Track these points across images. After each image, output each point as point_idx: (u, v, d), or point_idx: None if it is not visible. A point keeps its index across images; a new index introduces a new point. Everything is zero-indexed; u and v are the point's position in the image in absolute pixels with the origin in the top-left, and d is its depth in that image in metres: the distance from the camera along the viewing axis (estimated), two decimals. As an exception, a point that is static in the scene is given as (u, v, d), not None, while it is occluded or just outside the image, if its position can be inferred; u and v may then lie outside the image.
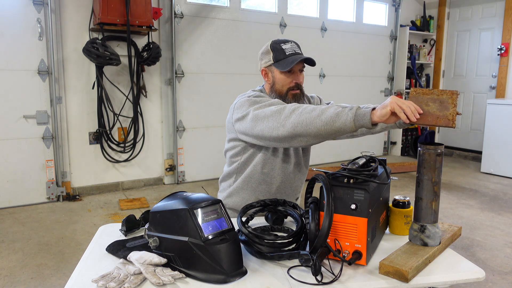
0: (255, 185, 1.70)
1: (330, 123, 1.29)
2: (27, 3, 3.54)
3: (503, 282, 2.42)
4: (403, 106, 1.22)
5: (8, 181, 3.65)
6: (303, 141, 1.39)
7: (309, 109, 1.35)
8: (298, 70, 1.63)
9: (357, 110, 1.27)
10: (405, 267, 1.09)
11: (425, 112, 1.25)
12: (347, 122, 1.27)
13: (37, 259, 2.66)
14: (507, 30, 5.37)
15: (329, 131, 1.31)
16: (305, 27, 5.09)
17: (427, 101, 1.26)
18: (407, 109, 1.21)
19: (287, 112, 1.38)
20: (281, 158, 1.68)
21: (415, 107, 1.23)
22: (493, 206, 3.83)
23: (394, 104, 1.22)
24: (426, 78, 6.37)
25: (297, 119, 1.35)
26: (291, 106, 1.40)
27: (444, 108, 1.23)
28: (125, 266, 1.11)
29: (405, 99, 1.26)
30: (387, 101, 1.24)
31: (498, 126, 4.96)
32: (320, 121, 1.31)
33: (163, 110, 4.36)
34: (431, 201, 1.25)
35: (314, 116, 1.32)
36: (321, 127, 1.31)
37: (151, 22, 3.81)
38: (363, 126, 1.26)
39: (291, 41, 1.64)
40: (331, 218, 1.12)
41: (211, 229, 1.11)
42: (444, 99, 1.24)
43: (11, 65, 3.55)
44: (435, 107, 1.24)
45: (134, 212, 3.43)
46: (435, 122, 1.23)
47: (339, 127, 1.29)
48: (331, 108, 1.32)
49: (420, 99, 1.27)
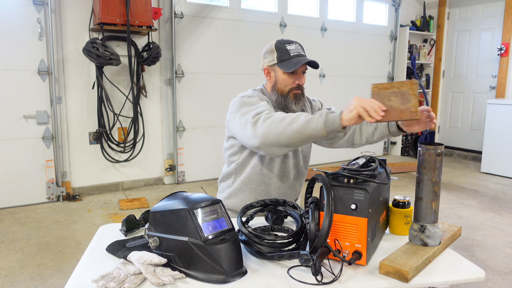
0: (254, 186, 1.70)
1: (301, 131, 1.32)
2: (27, 3, 3.54)
3: (503, 282, 2.42)
4: (367, 106, 1.24)
5: (8, 181, 3.65)
6: (276, 150, 1.40)
7: (280, 118, 1.36)
8: (301, 72, 1.64)
9: (327, 116, 1.30)
10: (405, 267, 1.09)
11: (389, 107, 1.25)
12: (318, 128, 1.30)
13: (37, 259, 2.66)
14: (507, 30, 5.37)
15: (300, 139, 1.33)
16: (305, 27, 5.09)
17: (389, 95, 1.27)
18: (371, 109, 1.24)
19: (260, 122, 1.39)
20: (280, 159, 1.68)
21: (378, 105, 1.24)
22: (493, 206, 3.83)
23: (358, 107, 1.25)
24: (426, 78, 6.37)
25: (268, 129, 1.36)
26: (265, 115, 1.41)
27: (406, 101, 1.24)
28: (125, 266, 1.11)
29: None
30: (352, 105, 1.26)
31: (498, 126, 4.96)
32: (290, 130, 1.33)
33: (163, 110, 4.36)
34: (431, 201, 1.25)
35: (284, 125, 1.34)
36: (292, 136, 1.33)
37: (151, 22, 3.81)
38: (334, 131, 1.30)
39: (296, 42, 1.65)
40: (331, 218, 1.12)
41: (211, 229, 1.11)
42: (405, 91, 1.25)
43: (11, 65, 3.55)
44: (398, 101, 1.25)
45: (134, 212, 3.43)
46: (400, 116, 1.24)
47: (310, 134, 1.31)
48: (301, 116, 1.34)
49: (382, 95, 1.27)
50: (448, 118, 6.29)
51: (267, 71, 1.68)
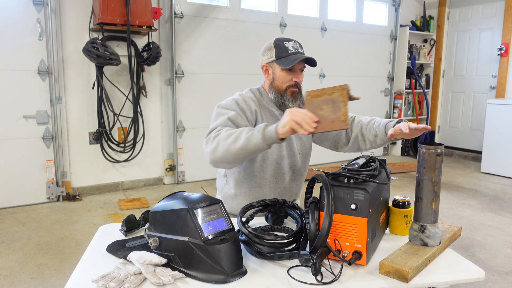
0: (248, 190, 1.70)
1: (244, 147, 1.37)
2: (27, 3, 3.54)
3: (503, 282, 2.42)
4: (299, 120, 1.27)
5: (8, 181, 3.65)
6: (227, 166, 1.50)
7: (225, 136, 1.42)
8: (299, 69, 1.64)
9: (264, 131, 1.34)
10: (405, 267, 1.09)
11: (321, 118, 1.25)
12: (258, 143, 1.35)
13: (37, 259, 2.66)
14: (507, 30, 5.37)
15: (245, 154, 1.40)
16: (305, 27, 5.09)
17: (321, 104, 1.26)
18: (303, 122, 1.26)
19: (210, 140, 1.47)
20: (274, 160, 1.67)
21: (310, 117, 1.26)
22: (493, 206, 3.83)
23: (291, 121, 1.28)
24: (426, 78, 6.37)
25: (215, 147, 1.43)
26: (214, 133, 1.47)
27: (337, 109, 1.23)
28: (125, 266, 1.11)
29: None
30: (285, 119, 1.30)
31: (498, 126, 4.96)
32: (235, 148, 1.39)
33: (163, 110, 4.36)
34: (431, 201, 1.25)
35: (229, 143, 1.40)
36: (237, 152, 1.39)
37: (151, 22, 3.81)
38: (273, 143, 1.36)
39: (294, 40, 1.65)
40: (331, 218, 1.12)
41: (211, 229, 1.11)
42: (335, 98, 1.24)
43: (11, 65, 3.55)
44: (329, 110, 1.24)
45: (134, 212, 3.43)
46: (331, 127, 1.24)
47: (253, 149, 1.37)
48: (243, 133, 1.39)
49: (314, 104, 1.27)
50: (448, 118, 6.29)
51: (265, 68, 1.68)
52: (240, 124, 1.54)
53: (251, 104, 1.64)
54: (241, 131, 1.41)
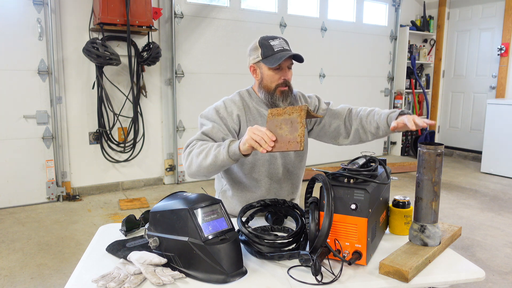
0: (243, 190, 1.70)
1: (213, 163, 1.44)
2: (27, 3, 3.54)
3: (503, 282, 2.42)
4: (257, 139, 1.30)
5: (8, 181, 3.65)
6: (204, 178, 1.56)
7: (196, 153, 1.48)
8: (286, 67, 1.62)
9: (229, 148, 1.40)
10: (405, 267, 1.09)
11: (279, 137, 1.28)
12: (224, 159, 1.41)
13: (37, 259, 2.66)
14: (507, 30, 5.37)
15: (216, 169, 1.46)
16: (305, 27, 5.09)
17: (281, 123, 1.29)
18: (261, 141, 1.29)
19: (186, 156, 1.53)
20: (267, 160, 1.66)
21: (268, 136, 1.29)
22: (493, 206, 3.83)
23: (250, 140, 1.31)
24: (426, 78, 6.37)
25: (190, 163, 1.50)
26: (189, 149, 1.53)
27: (294, 130, 1.26)
28: (125, 266, 1.11)
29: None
30: (245, 137, 1.34)
31: (498, 126, 4.96)
32: (205, 164, 1.45)
33: (163, 110, 4.36)
34: (431, 201, 1.25)
35: (200, 160, 1.46)
36: (208, 167, 1.45)
37: (151, 22, 3.81)
38: (239, 159, 1.41)
39: (280, 38, 1.63)
40: (331, 218, 1.12)
41: (211, 229, 1.11)
42: (294, 118, 1.27)
43: (11, 65, 3.55)
44: (287, 129, 1.27)
45: (134, 212, 3.43)
46: (287, 147, 1.26)
47: (222, 164, 1.43)
48: (212, 150, 1.45)
49: (275, 122, 1.30)
50: (448, 118, 6.29)
51: (253, 69, 1.67)
52: (215, 136, 1.56)
53: (233, 111, 1.63)
54: (211, 147, 1.46)
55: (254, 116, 1.67)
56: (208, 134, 1.56)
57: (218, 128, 1.57)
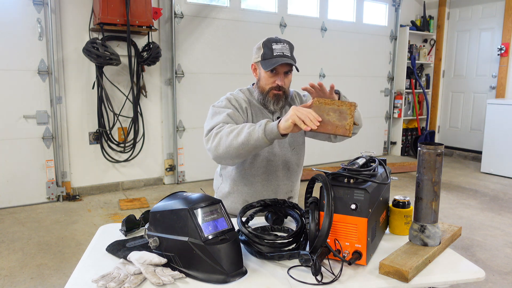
0: (241, 187, 1.71)
1: (246, 142, 1.38)
2: (27, 3, 3.54)
3: (503, 282, 2.42)
4: (302, 116, 1.28)
5: (8, 181, 3.65)
6: (229, 161, 1.49)
7: (227, 131, 1.43)
8: (283, 72, 1.63)
9: (266, 126, 1.35)
10: (405, 267, 1.09)
11: (325, 121, 1.31)
12: (259, 139, 1.35)
13: (37, 259, 2.66)
14: (507, 30, 5.37)
15: (247, 149, 1.39)
16: (305, 27, 5.09)
17: (328, 110, 1.32)
18: (306, 118, 1.27)
19: (212, 136, 1.47)
20: (266, 157, 1.67)
21: (314, 116, 1.28)
22: (493, 206, 3.83)
23: (294, 116, 1.28)
24: (426, 78, 6.37)
25: (218, 143, 1.44)
26: (216, 130, 1.47)
27: (343, 118, 1.30)
28: (125, 266, 1.11)
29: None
30: (288, 114, 1.30)
31: (498, 126, 4.96)
32: (236, 143, 1.39)
33: (163, 110, 4.36)
34: (431, 201, 1.25)
35: (231, 138, 1.40)
36: (239, 147, 1.39)
37: (151, 22, 3.81)
38: (275, 139, 1.36)
39: (284, 42, 1.63)
40: (331, 218, 1.12)
41: (211, 229, 1.11)
42: (343, 109, 1.31)
43: (11, 65, 3.54)
44: (335, 117, 1.31)
45: (134, 212, 3.43)
46: (334, 130, 1.30)
47: (255, 144, 1.37)
48: (245, 128, 1.39)
49: (322, 108, 1.33)
50: (448, 118, 6.29)
51: (253, 67, 1.71)
52: (238, 120, 1.55)
53: (242, 103, 1.67)
54: (243, 126, 1.41)
55: (257, 112, 1.70)
56: (233, 117, 1.55)
57: (238, 114, 1.59)
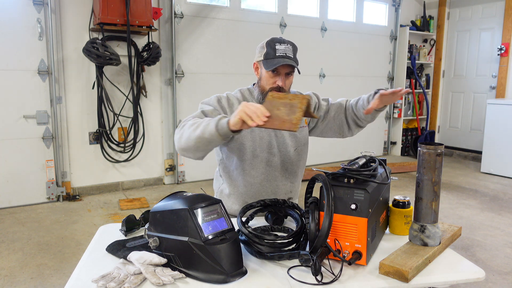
0: (240, 188, 1.70)
1: (201, 136, 1.38)
2: (27, 3, 3.54)
3: (503, 282, 2.42)
4: (249, 112, 1.27)
5: (8, 181, 3.65)
6: (191, 155, 1.48)
7: (189, 124, 1.44)
8: (284, 73, 1.62)
9: (219, 121, 1.35)
10: (405, 267, 1.09)
11: (274, 116, 1.29)
12: (212, 133, 1.35)
13: (37, 259, 2.66)
14: (507, 30, 5.37)
15: (203, 143, 1.40)
16: (305, 27, 5.09)
17: (279, 105, 1.31)
18: (253, 114, 1.26)
19: (179, 129, 1.49)
20: (265, 157, 1.67)
21: (262, 112, 1.27)
22: (493, 206, 3.83)
23: (242, 112, 1.27)
24: (426, 78, 6.37)
25: (180, 136, 1.45)
26: (183, 123, 1.50)
27: (292, 113, 1.28)
28: (125, 266, 1.11)
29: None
30: (237, 110, 1.30)
31: (498, 126, 4.96)
32: (194, 136, 1.40)
33: (163, 110, 4.36)
34: (431, 201, 1.25)
35: (190, 132, 1.41)
36: (196, 141, 1.40)
37: (151, 22, 3.81)
38: (225, 135, 1.35)
39: (288, 43, 1.62)
40: (331, 218, 1.12)
41: (211, 229, 1.11)
42: (294, 103, 1.30)
43: (11, 65, 3.54)
44: (285, 112, 1.29)
45: (134, 212, 3.43)
46: (281, 126, 1.28)
47: (210, 139, 1.37)
48: (203, 122, 1.40)
49: (273, 103, 1.32)
50: (448, 118, 6.29)
51: (255, 66, 1.71)
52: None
53: (234, 103, 1.67)
54: (203, 120, 1.43)
55: None
56: (207, 114, 1.56)
57: (218, 113, 1.59)
